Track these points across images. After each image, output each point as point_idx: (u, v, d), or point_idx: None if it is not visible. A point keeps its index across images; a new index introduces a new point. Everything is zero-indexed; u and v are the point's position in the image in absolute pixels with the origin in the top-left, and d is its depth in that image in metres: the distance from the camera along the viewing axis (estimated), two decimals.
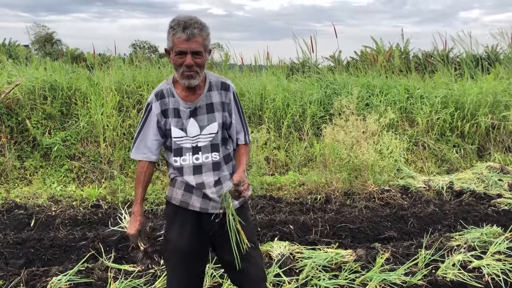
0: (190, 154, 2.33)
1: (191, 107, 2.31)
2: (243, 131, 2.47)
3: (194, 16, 2.22)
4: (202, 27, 2.20)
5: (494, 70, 10.45)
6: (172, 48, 2.21)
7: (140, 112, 6.97)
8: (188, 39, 2.16)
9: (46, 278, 3.39)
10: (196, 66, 2.21)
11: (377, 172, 6.06)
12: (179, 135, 2.33)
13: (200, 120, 2.32)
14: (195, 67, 2.21)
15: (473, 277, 3.51)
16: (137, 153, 2.41)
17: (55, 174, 6.06)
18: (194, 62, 2.20)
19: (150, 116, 2.35)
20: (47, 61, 8.73)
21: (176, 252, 2.39)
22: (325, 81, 8.83)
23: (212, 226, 2.38)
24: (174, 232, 2.41)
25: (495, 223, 4.76)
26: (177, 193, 2.39)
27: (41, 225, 4.58)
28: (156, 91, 2.36)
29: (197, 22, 2.19)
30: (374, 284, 3.35)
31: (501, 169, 6.75)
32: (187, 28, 2.15)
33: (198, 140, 2.33)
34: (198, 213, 2.37)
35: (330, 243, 4.22)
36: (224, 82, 2.39)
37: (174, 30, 2.18)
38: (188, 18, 2.19)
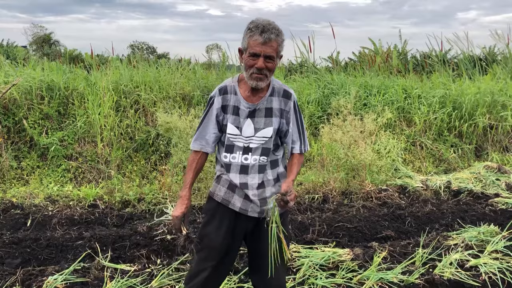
0: (240, 153, 2.38)
1: (250, 108, 2.35)
2: (299, 141, 2.47)
3: (272, 21, 2.27)
4: (278, 33, 2.25)
5: (491, 70, 10.47)
6: (246, 49, 2.26)
7: (138, 112, 6.97)
8: (264, 43, 2.21)
9: (42, 277, 3.37)
10: (267, 70, 2.26)
11: (374, 171, 6.06)
12: (233, 133, 2.38)
13: (256, 122, 2.36)
14: (265, 71, 2.26)
15: (470, 276, 3.50)
16: (195, 144, 2.47)
17: (52, 174, 6.04)
18: (265, 65, 2.24)
19: (212, 110, 2.40)
20: (44, 61, 8.71)
21: (210, 247, 2.42)
22: (323, 81, 8.83)
23: (247, 228, 2.44)
24: (212, 228, 2.45)
25: (493, 222, 4.76)
26: (220, 190, 2.45)
27: (37, 225, 4.57)
28: (221, 86, 2.42)
29: (275, 27, 2.24)
30: (371, 283, 3.35)
31: (498, 168, 6.75)
32: (265, 32, 2.20)
33: (250, 141, 2.37)
34: (237, 213, 2.41)
35: (327, 242, 4.21)
36: (287, 90, 2.42)
37: (251, 32, 2.23)
38: (267, 22, 2.24)
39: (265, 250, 2.32)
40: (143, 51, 23.43)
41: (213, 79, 7.91)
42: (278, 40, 2.24)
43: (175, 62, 9.20)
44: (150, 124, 6.86)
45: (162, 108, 6.74)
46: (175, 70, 7.86)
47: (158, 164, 6.40)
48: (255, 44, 2.21)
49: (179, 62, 9.64)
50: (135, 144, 6.56)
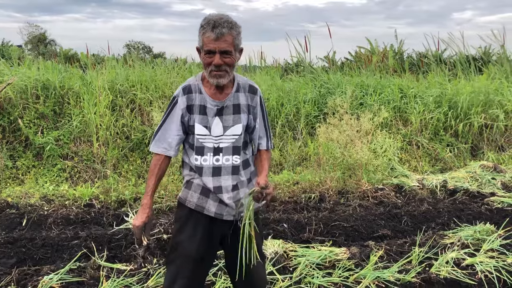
0: (211, 154, 2.31)
1: (218, 105, 2.29)
2: (265, 137, 2.46)
3: (225, 15, 2.21)
4: (232, 25, 2.17)
5: (486, 70, 10.50)
6: (202, 47, 2.20)
7: (134, 112, 6.95)
8: (217, 38, 2.14)
9: (38, 277, 3.35)
10: (225, 65, 2.20)
11: (371, 171, 6.07)
12: (202, 133, 2.30)
13: (225, 120, 2.30)
14: (224, 66, 2.20)
15: (466, 274, 3.51)
16: (156, 146, 2.36)
17: (47, 174, 6.02)
18: (223, 61, 2.18)
19: (175, 110, 2.32)
20: (39, 60, 8.68)
21: (184, 256, 2.34)
22: (319, 81, 8.83)
23: (223, 232, 2.38)
24: (185, 235, 2.36)
25: (488, 221, 4.77)
26: (192, 196, 2.36)
27: (33, 224, 4.55)
28: (184, 85, 2.34)
29: (227, 21, 2.17)
30: (368, 282, 3.35)
31: (494, 167, 6.77)
32: (216, 27, 2.13)
33: (220, 141, 2.31)
34: (211, 218, 2.35)
35: (324, 242, 4.21)
36: (252, 85, 2.39)
37: (204, 29, 2.17)
38: (218, 17, 2.17)
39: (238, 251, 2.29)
40: (139, 51, 23.37)
41: None
42: (232, 33, 2.17)
43: (171, 62, 9.18)
44: (146, 124, 6.84)
45: (158, 107, 6.72)
46: (171, 70, 7.84)
47: None
48: (209, 41, 2.15)
49: (175, 62, 9.62)
50: (131, 143, 6.54)
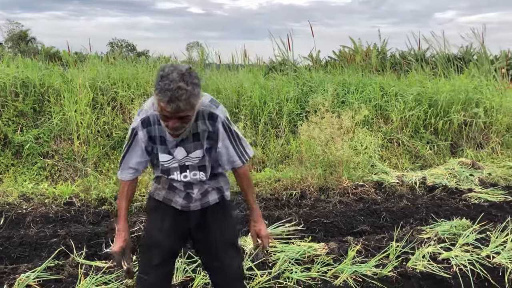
0: (178, 172, 2.34)
1: (177, 139, 2.26)
2: (237, 155, 2.38)
3: (184, 79, 1.98)
4: (189, 95, 1.99)
5: (467, 69, 10.68)
6: (157, 102, 2.03)
7: (115, 109, 6.90)
8: (174, 112, 2.01)
9: (14, 275, 3.33)
10: (183, 123, 2.10)
11: (351, 168, 6.13)
12: (166, 159, 2.31)
13: (186, 147, 2.28)
14: (181, 124, 2.09)
15: (442, 268, 3.57)
16: (123, 174, 2.39)
17: (27, 172, 5.95)
18: (180, 124, 2.08)
19: (137, 141, 2.30)
20: (18, 57, 8.57)
21: (154, 245, 2.40)
22: (301, 79, 8.88)
23: (192, 222, 2.43)
24: (154, 226, 2.44)
25: (465, 216, 4.86)
26: (160, 190, 2.42)
27: (10, 223, 4.50)
28: (142, 118, 2.25)
29: (185, 92, 1.97)
30: (345, 276, 3.39)
31: (472, 164, 6.90)
32: (172, 101, 1.97)
33: (186, 161, 2.32)
34: (179, 210, 2.40)
35: (303, 237, 4.25)
36: (212, 112, 2.25)
37: (159, 95, 2.00)
38: (176, 86, 1.96)
39: (212, 239, 2.38)
40: (123, 49, 23.20)
41: None
42: (190, 102, 2.00)
43: (154, 60, 9.14)
44: (127, 122, 6.80)
45: (139, 105, 6.68)
46: (153, 67, 7.81)
47: None
48: (164, 109, 2.01)
49: (158, 60, 9.58)
50: (113, 141, 6.50)
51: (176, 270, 3.39)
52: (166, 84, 1.97)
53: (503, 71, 11.09)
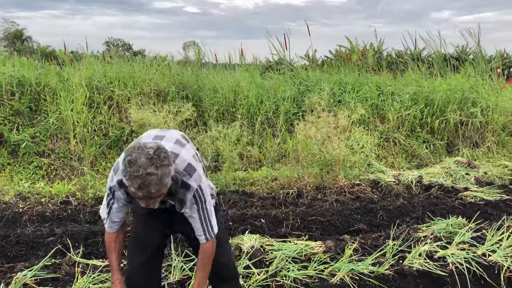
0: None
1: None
2: (202, 230, 2.36)
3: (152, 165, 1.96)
4: (160, 178, 1.98)
5: (463, 69, 10.71)
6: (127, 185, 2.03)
7: (111, 108, 6.89)
8: (146, 196, 2.02)
9: (11, 274, 3.32)
10: (155, 200, 2.11)
11: (348, 167, 6.14)
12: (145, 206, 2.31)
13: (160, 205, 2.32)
14: (154, 201, 2.11)
15: (438, 266, 3.59)
16: (110, 227, 2.45)
17: (23, 171, 5.94)
18: (152, 200, 2.09)
19: (115, 200, 2.36)
20: (14, 56, 8.54)
21: (140, 240, 2.54)
22: (298, 78, 8.89)
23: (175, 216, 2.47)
24: (140, 225, 2.57)
25: (461, 214, 4.87)
26: None
27: (7, 222, 4.48)
28: (118, 179, 2.24)
29: (155, 177, 1.96)
30: (342, 274, 3.40)
31: (468, 163, 6.93)
32: (143, 188, 1.97)
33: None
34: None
35: (300, 236, 4.26)
36: (185, 182, 2.24)
37: (128, 182, 1.99)
38: (146, 173, 1.94)
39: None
40: (119, 48, 23.15)
41: (189, 75, 7.88)
42: (162, 184, 2.00)
43: (150, 59, 9.13)
44: (124, 121, 6.80)
45: (135, 104, 6.68)
46: (150, 66, 7.80)
47: None
48: (134, 194, 2.02)
49: (155, 59, 9.56)
50: (109, 140, 6.49)
51: (173, 269, 3.40)
52: (134, 171, 1.94)
53: (499, 71, 11.14)
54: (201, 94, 7.51)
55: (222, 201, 5.21)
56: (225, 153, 6.25)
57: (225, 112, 7.51)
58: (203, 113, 7.37)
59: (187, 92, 7.43)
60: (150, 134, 2.45)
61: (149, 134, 2.46)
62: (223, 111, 7.50)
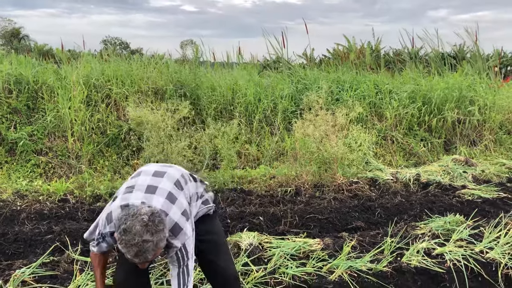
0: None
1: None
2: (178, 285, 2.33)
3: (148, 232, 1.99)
4: (156, 243, 2.02)
5: (460, 67, 10.74)
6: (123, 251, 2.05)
7: (109, 107, 6.87)
8: (142, 262, 2.07)
9: (9, 271, 3.31)
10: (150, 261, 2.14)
11: (346, 165, 6.15)
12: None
13: None
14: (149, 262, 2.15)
15: (436, 263, 3.60)
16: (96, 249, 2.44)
17: (21, 170, 5.93)
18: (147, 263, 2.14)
19: (105, 242, 2.35)
20: (12, 54, 8.52)
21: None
22: (296, 77, 8.90)
23: None
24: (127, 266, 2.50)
25: (459, 212, 4.89)
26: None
27: (5, 220, 4.47)
28: (112, 230, 2.23)
29: (151, 244, 1.99)
30: (341, 271, 3.40)
31: (465, 161, 6.95)
32: (140, 255, 2.01)
33: None
34: None
35: (298, 233, 4.26)
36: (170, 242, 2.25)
37: (124, 250, 2.01)
38: (142, 241, 1.97)
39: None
40: (116, 47, 23.11)
41: (186, 73, 7.87)
42: (157, 248, 2.04)
43: (148, 57, 9.12)
44: (122, 119, 6.78)
45: (133, 102, 6.66)
46: (148, 64, 7.79)
47: (130, 159, 6.35)
48: (131, 259, 2.05)
49: (152, 57, 9.55)
50: (107, 138, 6.48)
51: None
52: (130, 239, 1.97)
53: (496, 70, 11.17)
54: (199, 92, 7.50)
55: (220, 199, 5.22)
56: (223, 151, 6.25)
57: (223, 110, 7.51)
58: (201, 111, 7.36)
59: (185, 90, 7.42)
60: (150, 169, 2.49)
61: (149, 169, 2.50)
62: (221, 109, 7.50)
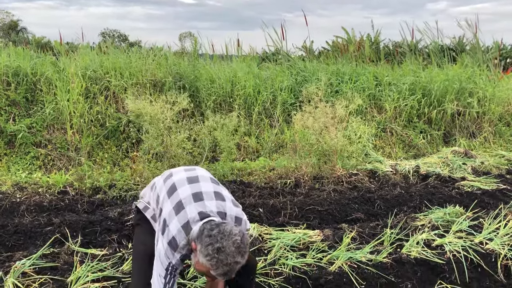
0: None
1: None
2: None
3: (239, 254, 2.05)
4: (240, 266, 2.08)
5: (460, 60, 10.71)
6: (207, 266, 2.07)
7: (108, 99, 6.84)
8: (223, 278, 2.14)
9: (10, 263, 3.32)
10: None
11: (345, 157, 6.15)
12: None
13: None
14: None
15: (435, 254, 3.60)
16: None
17: (20, 162, 5.92)
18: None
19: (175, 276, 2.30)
20: (10, 46, 8.47)
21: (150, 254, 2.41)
22: (295, 69, 8.87)
23: None
24: (145, 234, 2.56)
25: (458, 204, 4.90)
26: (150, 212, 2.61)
27: (4, 211, 4.47)
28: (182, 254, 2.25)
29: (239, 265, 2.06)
30: (340, 263, 3.41)
31: (465, 153, 6.95)
32: (226, 275, 2.07)
33: None
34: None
35: (298, 225, 4.27)
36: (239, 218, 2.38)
37: (213, 268, 2.05)
38: (234, 262, 2.03)
39: None
40: (114, 39, 23.01)
41: (185, 66, 7.84)
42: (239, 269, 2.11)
43: (147, 50, 9.07)
44: (121, 111, 6.76)
45: (131, 94, 6.64)
46: (146, 57, 7.75)
47: (130, 151, 6.34)
48: (214, 275, 2.10)
49: (151, 49, 9.50)
50: (106, 131, 6.47)
51: None
52: (223, 259, 2.01)
53: (496, 62, 11.14)
54: (198, 85, 7.48)
55: None
56: (223, 144, 6.24)
57: (222, 102, 7.49)
58: (200, 104, 7.34)
59: (184, 82, 7.39)
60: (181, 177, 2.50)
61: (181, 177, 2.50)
62: (220, 102, 7.48)
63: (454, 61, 11.21)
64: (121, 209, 4.50)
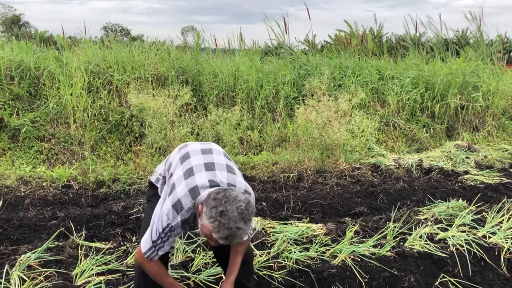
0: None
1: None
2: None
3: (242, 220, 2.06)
4: (243, 231, 2.08)
5: (463, 53, 10.67)
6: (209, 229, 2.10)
7: (111, 93, 6.85)
8: (222, 243, 2.12)
9: (15, 256, 3.34)
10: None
11: (348, 151, 6.15)
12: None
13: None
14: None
15: (439, 247, 3.61)
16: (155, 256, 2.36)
17: (24, 156, 5.94)
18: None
19: (171, 237, 2.33)
20: (13, 40, 8.47)
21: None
22: (298, 62, 8.85)
23: None
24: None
25: (461, 197, 4.90)
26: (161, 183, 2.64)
27: (9, 205, 4.49)
28: (184, 218, 2.28)
29: (242, 232, 2.07)
30: (344, 256, 3.42)
31: (468, 147, 6.94)
32: (228, 239, 2.08)
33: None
34: None
35: (301, 219, 4.28)
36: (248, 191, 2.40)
37: (215, 230, 2.07)
38: (236, 227, 2.04)
39: None
40: (117, 33, 22.97)
41: (188, 60, 7.83)
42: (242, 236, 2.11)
43: (149, 44, 9.06)
44: (124, 105, 6.77)
45: (134, 88, 6.64)
46: (149, 51, 7.75)
47: (133, 145, 6.35)
48: (215, 239, 2.11)
49: (154, 44, 9.50)
50: (109, 125, 6.48)
51: (176, 251, 3.42)
52: (226, 223, 2.03)
53: (499, 55, 11.09)
54: (200, 79, 7.47)
55: None
56: (225, 138, 6.24)
57: (225, 96, 7.49)
58: (203, 98, 7.34)
59: (187, 76, 7.39)
60: (195, 148, 2.55)
61: (195, 148, 2.55)
62: (223, 96, 7.47)
63: (457, 54, 11.16)
64: (125, 203, 4.52)
